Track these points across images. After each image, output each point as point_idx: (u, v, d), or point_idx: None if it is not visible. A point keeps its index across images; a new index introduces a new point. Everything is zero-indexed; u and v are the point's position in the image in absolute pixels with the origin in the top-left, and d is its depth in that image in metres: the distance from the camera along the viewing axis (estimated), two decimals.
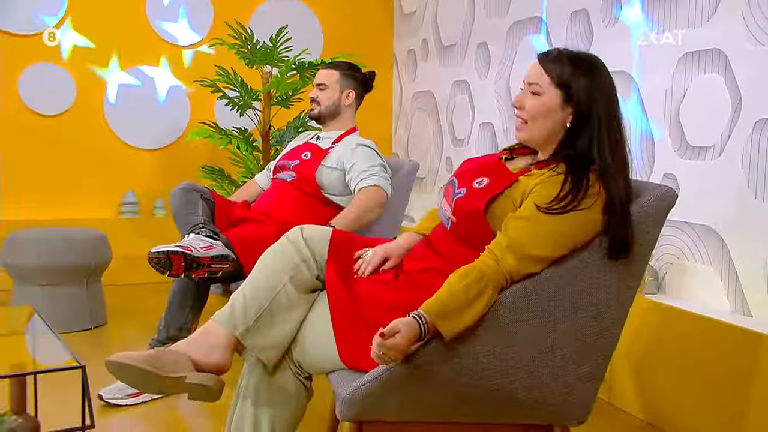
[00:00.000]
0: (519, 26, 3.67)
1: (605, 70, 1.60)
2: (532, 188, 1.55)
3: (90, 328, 3.52)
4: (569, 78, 1.56)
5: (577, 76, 1.56)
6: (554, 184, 1.52)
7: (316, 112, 2.92)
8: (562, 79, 1.57)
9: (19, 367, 1.80)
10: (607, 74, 1.60)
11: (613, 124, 1.57)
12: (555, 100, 1.58)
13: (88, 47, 4.52)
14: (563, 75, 1.57)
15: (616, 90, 1.60)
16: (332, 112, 2.91)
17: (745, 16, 2.37)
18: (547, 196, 1.51)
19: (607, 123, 1.56)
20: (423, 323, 1.43)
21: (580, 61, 1.59)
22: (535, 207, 1.50)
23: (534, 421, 1.61)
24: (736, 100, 2.40)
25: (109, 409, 2.53)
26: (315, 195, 2.77)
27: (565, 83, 1.57)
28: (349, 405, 1.51)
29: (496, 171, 1.66)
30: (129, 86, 4.62)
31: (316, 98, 2.91)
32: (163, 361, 1.56)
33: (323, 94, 2.90)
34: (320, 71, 2.96)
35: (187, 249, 2.33)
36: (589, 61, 1.60)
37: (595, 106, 1.56)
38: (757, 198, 2.33)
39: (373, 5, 5.15)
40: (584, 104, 1.56)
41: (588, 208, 1.50)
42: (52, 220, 4.32)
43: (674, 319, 2.44)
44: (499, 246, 1.50)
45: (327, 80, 2.90)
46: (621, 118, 1.59)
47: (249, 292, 1.65)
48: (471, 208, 1.61)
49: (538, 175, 1.59)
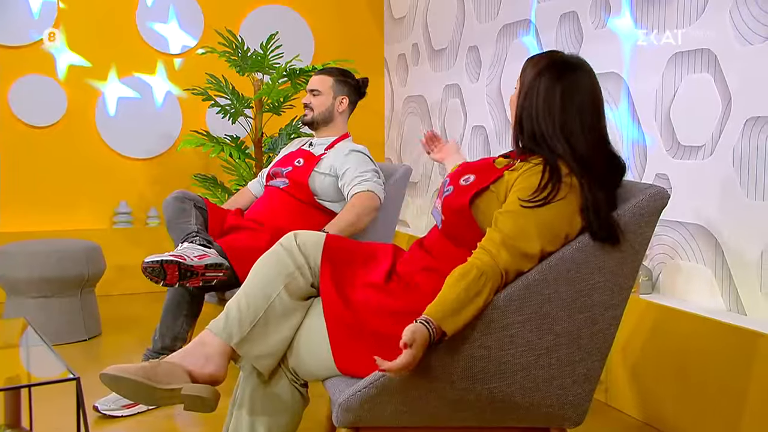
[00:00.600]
0: (509, 29, 3.68)
1: (555, 71, 1.61)
2: (514, 181, 1.57)
3: (84, 339, 3.51)
4: (523, 70, 1.68)
5: (527, 70, 1.66)
6: (534, 175, 1.55)
7: (309, 118, 2.92)
8: (522, 72, 1.68)
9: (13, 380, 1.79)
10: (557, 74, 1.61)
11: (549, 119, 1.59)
12: (514, 94, 1.70)
13: (79, 59, 4.51)
14: (523, 69, 1.68)
15: (581, 86, 1.61)
16: (325, 118, 2.91)
17: (733, 16, 2.39)
18: (528, 188, 1.53)
19: (546, 121, 1.59)
20: (432, 328, 1.42)
21: (535, 60, 1.67)
22: (518, 201, 1.52)
23: (531, 424, 1.61)
24: (726, 100, 2.41)
25: (104, 420, 2.51)
26: (308, 202, 2.77)
27: (521, 76, 1.68)
28: (345, 411, 1.50)
29: (483, 169, 1.69)
30: (120, 96, 4.61)
31: (309, 104, 2.91)
32: (158, 373, 1.55)
33: (316, 100, 2.90)
34: (314, 77, 2.96)
35: (181, 258, 2.33)
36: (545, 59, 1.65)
37: (529, 103, 1.61)
38: (749, 196, 2.34)
39: (363, 11, 5.16)
40: (527, 97, 1.62)
41: (565, 198, 1.51)
42: (44, 232, 4.31)
43: (669, 318, 2.45)
44: (492, 242, 1.51)
45: (320, 86, 2.90)
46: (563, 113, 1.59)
47: (243, 301, 1.64)
48: (457, 204, 1.62)
49: (519, 167, 1.61)
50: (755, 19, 2.31)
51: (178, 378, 1.57)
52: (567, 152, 1.56)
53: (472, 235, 1.59)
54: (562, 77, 1.60)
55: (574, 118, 1.58)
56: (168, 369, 1.57)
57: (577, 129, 1.58)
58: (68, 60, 4.49)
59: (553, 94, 1.59)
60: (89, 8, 4.50)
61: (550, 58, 1.65)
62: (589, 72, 1.63)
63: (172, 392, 1.55)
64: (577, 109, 1.59)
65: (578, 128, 1.58)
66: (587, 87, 1.61)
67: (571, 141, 1.57)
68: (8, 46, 4.34)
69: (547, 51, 1.70)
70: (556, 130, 1.58)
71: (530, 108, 1.62)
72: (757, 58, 2.30)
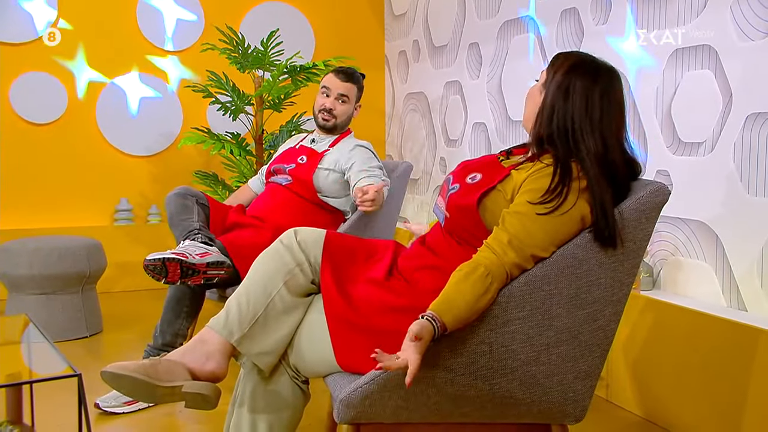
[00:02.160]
0: (509, 26, 3.68)
1: (591, 71, 1.61)
2: (522, 182, 1.56)
3: (86, 336, 3.51)
4: (550, 66, 1.65)
5: (555, 65, 1.64)
6: (544, 177, 1.54)
7: (331, 124, 2.87)
8: (549, 68, 1.65)
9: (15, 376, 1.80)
10: (593, 74, 1.60)
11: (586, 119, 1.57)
12: (537, 87, 1.67)
13: (80, 56, 4.51)
14: (550, 65, 1.66)
15: (616, 89, 1.60)
16: (344, 125, 2.91)
17: (734, 12, 2.38)
18: (537, 190, 1.52)
19: (582, 119, 1.57)
20: (437, 325, 1.41)
21: (567, 56, 1.65)
22: (528, 203, 1.51)
23: (532, 420, 1.62)
24: (726, 96, 2.41)
25: (105, 416, 2.52)
26: (310, 199, 2.77)
27: (548, 71, 1.65)
28: (346, 407, 1.50)
29: (489, 167, 1.68)
30: (121, 93, 4.62)
31: (333, 110, 2.85)
32: (159, 371, 1.55)
33: (343, 107, 2.87)
34: (341, 83, 2.86)
35: (183, 256, 2.33)
36: (575, 56, 1.64)
37: (563, 97, 1.59)
38: (749, 193, 2.34)
39: (363, 7, 5.16)
40: (560, 93, 1.59)
41: (574, 205, 1.51)
42: (45, 229, 4.32)
43: (670, 315, 2.45)
44: (499, 242, 1.50)
45: (350, 94, 2.88)
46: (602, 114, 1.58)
47: (244, 298, 1.64)
48: (464, 203, 1.61)
49: (528, 168, 1.60)
50: (756, 15, 2.31)
51: (179, 375, 1.57)
52: (598, 152, 1.54)
53: (478, 233, 1.59)
54: (598, 78, 1.60)
55: (611, 119, 1.58)
56: (169, 366, 1.57)
57: (612, 130, 1.58)
58: (69, 57, 4.49)
59: (591, 94, 1.58)
60: (90, 5, 4.50)
61: (582, 58, 1.64)
62: (619, 76, 1.64)
63: (173, 390, 1.55)
64: (613, 111, 1.59)
65: (613, 130, 1.58)
66: (620, 91, 1.62)
67: (607, 142, 1.56)
68: (9, 43, 4.34)
69: (574, 51, 1.69)
70: (594, 130, 1.56)
71: (564, 104, 1.58)
72: (757, 54, 2.30)
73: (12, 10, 4.33)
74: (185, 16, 4.72)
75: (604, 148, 1.55)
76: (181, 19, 4.71)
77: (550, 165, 1.56)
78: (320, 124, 2.89)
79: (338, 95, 2.85)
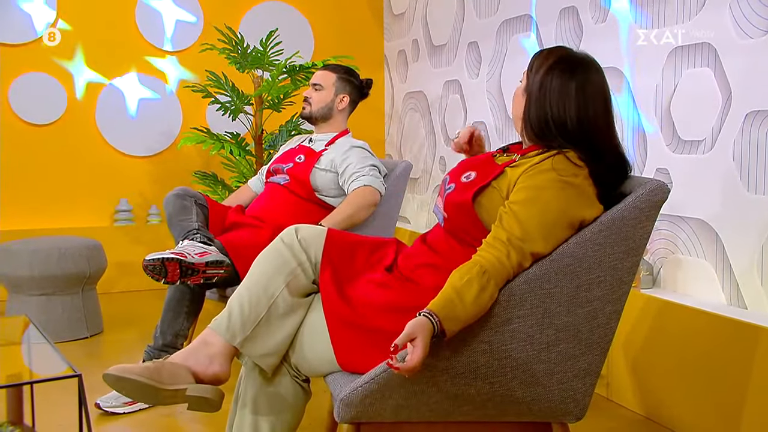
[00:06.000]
0: (508, 25, 3.68)
1: (567, 68, 1.62)
2: (517, 179, 1.57)
3: (86, 337, 3.51)
4: (531, 66, 1.67)
5: (535, 66, 1.66)
6: (539, 173, 1.54)
7: (306, 112, 2.92)
8: (529, 67, 1.68)
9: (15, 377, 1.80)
10: (570, 71, 1.62)
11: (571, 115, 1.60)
12: (520, 89, 1.70)
13: (79, 56, 4.51)
14: (530, 64, 1.68)
15: (594, 82, 1.62)
16: (324, 115, 2.90)
17: (733, 10, 2.38)
18: (532, 188, 1.53)
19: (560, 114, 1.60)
20: (436, 321, 1.41)
21: (544, 55, 1.67)
22: (523, 200, 1.52)
23: (532, 419, 1.62)
24: (726, 94, 2.41)
25: (106, 417, 2.52)
26: (309, 198, 2.77)
27: (529, 72, 1.68)
28: (346, 406, 1.50)
29: (484, 165, 1.69)
30: (121, 94, 4.62)
31: (309, 98, 2.91)
32: (163, 374, 1.55)
33: (317, 95, 2.90)
34: (318, 72, 2.96)
35: (182, 256, 2.33)
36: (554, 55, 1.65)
37: (542, 96, 1.61)
38: (749, 190, 2.33)
39: (362, 7, 5.16)
40: (533, 93, 1.63)
41: (578, 184, 1.52)
42: (45, 230, 4.32)
43: (670, 313, 2.45)
44: (498, 240, 1.50)
45: (323, 81, 2.90)
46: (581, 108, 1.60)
47: (246, 299, 1.64)
48: (459, 201, 1.62)
49: (522, 164, 1.60)
50: (755, 12, 2.31)
51: (182, 378, 1.57)
52: (582, 144, 1.58)
53: (476, 232, 1.59)
54: (574, 74, 1.61)
55: (594, 112, 1.60)
56: (172, 369, 1.57)
57: (599, 125, 1.60)
58: (68, 58, 4.49)
59: (568, 89, 1.60)
60: (89, 6, 4.50)
61: (560, 54, 1.65)
62: (599, 69, 1.65)
63: (176, 393, 1.55)
64: (592, 105, 1.60)
65: (600, 125, 1.60)
66: (599, 82, 1.63)
67: (590, 135, 1.59)
68: (8, 44, 4.34)
69: (556, 46, 1.70)
70: (573, 123, 1.59)
71: (544, 101, 1.61)
72: (757, 52, 2.30)
73: (11, 11, 4.33)
74: (184, 16, 4.72)
75: (592, 143, 1.58)
76: (181, 19, 4.71)
77: (546, 160, 1.56)
78: (300, 114, 2.97)
79: (313, 84, 2.92)
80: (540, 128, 1.62)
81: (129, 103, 4.63)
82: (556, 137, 1.60)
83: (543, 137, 1.63)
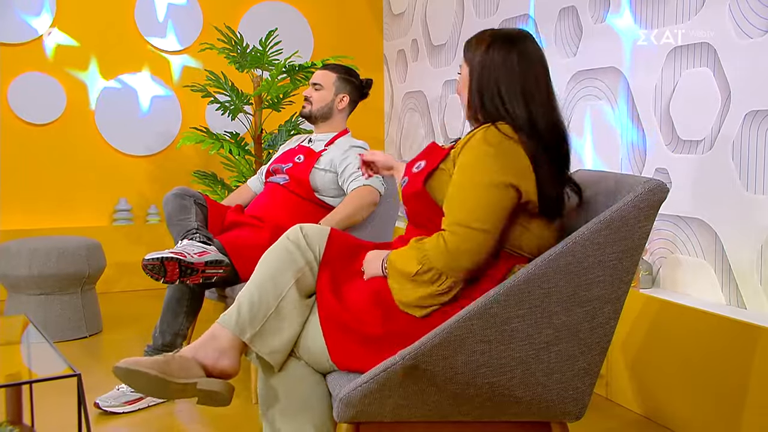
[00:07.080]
0: (508, 24, 3.68)
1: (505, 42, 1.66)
2: (457, 156, 1.62)
3: (85, 337, 3.51)
4: (466, 53, 1.72)
5: (471, 50, 1.70)
6: (472, 149, 1.59)
7: (306, 111, 2.92)
8: (465, 55, 1.72)
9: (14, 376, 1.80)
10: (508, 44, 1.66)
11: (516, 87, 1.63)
12: (463, 78, 1.73)
13: (78, 56, 4.51)
14: (465, 52, 1.73)
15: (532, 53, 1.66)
16: (323, 114, 2.91)
17: (732, 10, 2.38)
18: (468, 165, 1.58)
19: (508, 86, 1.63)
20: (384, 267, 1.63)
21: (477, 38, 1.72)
22: (461, 179, 1.57)
23: (531, 419, 1.62)
24: (725, 93, 2.41)
25: (105, 416, 2.52)
26: (308, 198, 2.77)
27: (466, 58, 1.72)
28: (346, 406, 1.50)
29: (431, 153, 1.74)
30: (120, 93, 4.61)
31: (309, 97, 2.91)
32: (173, 367, 1.55)
33: (317, 94, 2.90)
34: (318, 71, 2.96)
35: (181, 255, 2.33)
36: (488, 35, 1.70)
37: (487, 73, 1.65)
38: (748, 190, 2.34)
39: (362, 6, 5.16)
40: (476, 72, 1.67)
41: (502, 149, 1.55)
42: (45, 229, 4.32)
43: (669, 312, 2.45)
44: (444, 223, 1.57)
45: (323, 81, 2.90)
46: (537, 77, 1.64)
47: (256, 295, 1.64)
48: (414, 191, 1.67)
49: (461, 143, 1.65)
50: (755, 12, 2.31)
51: (192, 372, 1.57)
52: (524, 117, 1.60)
53: (437, 217, 1.63)
54: (513, 47, 1.65)
55: (532, 82, 1.63)
56: (182, 363, 1.57)
57: (536, 93, 1.63)
58: (67, 57, 4.49)
59: (510, 61, 1.64)
60: (88, 5, 4.50)
61: (493, 32, 1.70)
62: (534, 39, 1.69)
63: (186, 386, 1.55)
64: (533, 74, 1.64)
65: (536, 92, 1.63)
66: (538, 55, 1.67)
67: (530, 106, 1.61)
68: (7, 43, 4.33)
69: (482, 30, 1.74)
70: (517, 95, 1.62)
71: (489, 79, 1.65)
72: (756, 52, 2.30)
73: (10, 10, 4.33)
74: (183, 15, 4.72)
75: (528, 111, 1.61)
76: (179, 18, 4.71)
77: (478, 133, 1.60)
78: (300, 113, 2.97)
79: (313, 83, 2.92)
80: (490, 103, 1.65)
81: (128, 102, 4.63)
82: (498, 109, 1.63)
83: (489, 115, 1.65)
